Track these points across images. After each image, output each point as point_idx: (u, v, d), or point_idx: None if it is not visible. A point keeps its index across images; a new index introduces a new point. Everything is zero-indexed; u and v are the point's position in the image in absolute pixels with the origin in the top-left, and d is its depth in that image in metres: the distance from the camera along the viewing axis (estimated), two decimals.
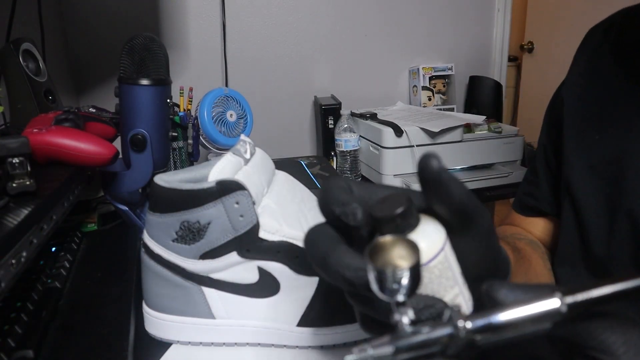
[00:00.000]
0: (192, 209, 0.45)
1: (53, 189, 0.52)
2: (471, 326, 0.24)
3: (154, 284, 0.50)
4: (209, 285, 0.49)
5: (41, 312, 0.48)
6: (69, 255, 0.63)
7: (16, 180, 0.48)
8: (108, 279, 0.59)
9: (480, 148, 1.34)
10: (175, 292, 0.49)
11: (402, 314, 0.25)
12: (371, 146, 1.36)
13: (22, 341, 0.43)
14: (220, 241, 0.46)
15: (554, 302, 0.24)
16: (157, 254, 0.48)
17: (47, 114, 0.77)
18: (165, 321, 0.51)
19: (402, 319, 0.24)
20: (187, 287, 0.49)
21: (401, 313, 0.25)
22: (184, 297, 0.49)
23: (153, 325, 0.52)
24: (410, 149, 1.29)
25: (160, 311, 0.51)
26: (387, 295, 0.24)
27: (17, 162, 0.48)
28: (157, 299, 0.50)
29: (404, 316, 0.25)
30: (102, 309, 0.52)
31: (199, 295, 0.49)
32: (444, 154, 1.32)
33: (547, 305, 0.24)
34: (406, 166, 1.30)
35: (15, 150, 0.48)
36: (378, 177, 1.33)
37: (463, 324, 0.24)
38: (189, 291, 0.49)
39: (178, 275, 0.48)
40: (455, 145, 1.33)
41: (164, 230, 0.47)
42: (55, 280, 0.55)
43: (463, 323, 0.24)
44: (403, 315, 0.25)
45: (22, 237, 0.43)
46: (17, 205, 0.46)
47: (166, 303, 0.50)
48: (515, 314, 0.24)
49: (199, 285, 0.49)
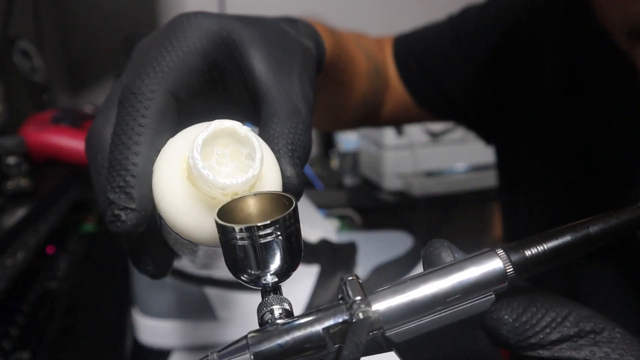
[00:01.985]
0: None
1: (50, 189, 0.51)
2: (379, 309, 0.17)
3: (150, 290, 0.49)
4: (210, 285, 0.48)
5: (38, 314, 0.48)
6: (66, 256, 0.62)
7: (12, 180, 0.47)
8: (106, 280, 0.58)
9: (481, 148, 1.33)
10: (174, 296, 0.48)
11: (273, 302, 0.19)
12: (371, 146, 1.35)
13: (19, 343, 0.43)
14: None
15: (494, 264, 0.17)
16: None
17: (44, 113, 0.76)
18: (163, 328, 0.49)
19: (273, 308, 0.18)
20: (187, 289, 0.48)
21: (271, 302, 0.19)
22: (183, 301, 0.48)
23: (150, 333, 0.50)
24: (410, 149, 1.28)
25: (157, 318, 0.49)
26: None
27: (13, 161, 0.47)
28: (154, 306, 0.49)
29: (276, 305, 0.19)
30: (99, 311, 0.51)
31: (200, 297, 0.48)
32: (445, 153, 1.31)
33: (483, 269, 0.17)
34: (407, 166, 1.30)
35: (11, 149, 0.47)
36: (378, 177, 1.33)
37: (364, 307, 0.16)
38: (189, 294, 0.48)
39: (177, 279, 0.48)
40: (456, 145, 1.32)
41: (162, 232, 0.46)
42: (52, 282, 0.54)
43: (364, 306, 0.17)
44: (274, 304, 0.19)
45: (18, 238, 0.42)
46: (13, 206, 0.45)
47: (164, 309, 0.49)
48: (440, 285, 0.17)
49: (200, 286, 0.48)
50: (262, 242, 0.18)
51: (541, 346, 0.18)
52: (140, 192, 0.20)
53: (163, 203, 0.20)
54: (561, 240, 0.18)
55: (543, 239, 0.18)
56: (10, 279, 0.40)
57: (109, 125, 0.23)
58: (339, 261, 0.50)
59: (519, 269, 0.18)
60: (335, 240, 0.53)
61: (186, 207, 0.20)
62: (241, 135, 0.20)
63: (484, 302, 0.18)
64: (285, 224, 0.18)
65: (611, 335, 0.18)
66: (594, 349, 0.18)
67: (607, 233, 0.18)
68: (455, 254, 0.19)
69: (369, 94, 0.51)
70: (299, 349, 0.17)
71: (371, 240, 0.56)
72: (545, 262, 0.18)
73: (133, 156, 0.21)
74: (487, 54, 0.51)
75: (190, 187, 0.20)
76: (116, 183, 0.21)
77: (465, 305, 0.17)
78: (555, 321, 0.18)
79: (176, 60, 0.23)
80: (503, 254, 0.18)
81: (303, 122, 0.24)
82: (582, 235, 0.18)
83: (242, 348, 0.17)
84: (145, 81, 0.22)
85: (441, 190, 1.28)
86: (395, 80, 0.56)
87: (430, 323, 0.17)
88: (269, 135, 0.23)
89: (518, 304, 0.19)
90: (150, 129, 0.21)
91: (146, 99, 0.22)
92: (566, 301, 0.19)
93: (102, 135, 0.24)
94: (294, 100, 0.24)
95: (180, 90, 0.23)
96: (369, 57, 0.50)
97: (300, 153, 0.23)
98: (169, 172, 0.20)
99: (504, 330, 0.18)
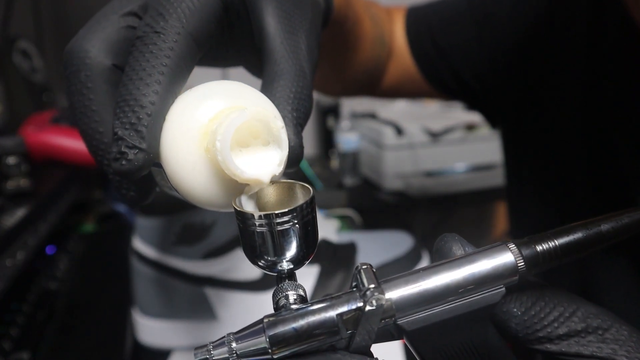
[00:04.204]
0: (195, 209, 0.44)
1: (50, 189, 0.51)
2: (392, 297, 0.17)
3: (149, 291, 0.49)
4: (211, 285, 0.48)
5: (38, 314, 0.47)
6: (66, 256, 0.62)
7: (12, 181, 0.47)
8: (106, 280, 0.58)
9: (482, 147, 1.33)
10: (174, 296, 0.48)
11: (289, 288, 0.19)
12: (371, 146, 1.35)
13: (19, 343, 0.42)
14: (225, 239, 0.45)
15: (505, 257, 0.18)
16: (152, 260, 0.47)
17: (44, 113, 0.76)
18: (163, 328, 0.49)
19: (288, 294, 0.18)
20: (187, 290, 0.48)
21: (286, 288, 0.19)
22: (183, 301, 0.48)
23: (150, 334, 0.50)
24: (410, 149, 1.28)
25: (157, 318, 0.49)
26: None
27: (13, 161, 0.47)
28: (154, 306, 0.49)
29: (291, 291, 0.19)
30: (99, 311, 0.51)
31: (200, 297, 0.48)
32: (445, 153, 1.31)
33: (495, 262, 0.18)
34: (407, 166, 1.30)
35: (11, 149, 0.47)
36: (378, 177, 1.33)
37: (378, 295, 0.17)
38: (189, 294, 0.48)
39: (178, 280, 0.47)
40: (456, 145, 1.32)
41: (162, 233, 0.46)
42: (51, 282, 0.54)
43: (378, 294, 0.17)
44: (289, 289, 0.19)
45: (18, 238, 0.42)
46: (13, 206, 0.45)
47: (164, 309, 0.49)
48: (452, 276, 0.18)
49: (201, 286, 0.48)
50: (280, 229, 0.18)
51: (549, 340, 0.19)
52: (151, 133, 0.19)
53: (173, 162, 0.19)
54: (572, 236, 0.18)
55: (554, 235, 0.18)
56: (10, 279, 0.40)
57: (99, 42, 0.22)
58: (339, 261, 0.50)
59: (530, 264, 0.18)
60: (335, 240, 0.53)
61: (197, 173, 0.19)
62: (273, 130, 0.19)
63: (494, 295, 0.18)
64: (302, 213, 0.18)
65: (618, 332, 0.18)
66: (601, 346, 0.18)
67: (618, 232, 0.18)
68: (465, 248, 0.19)
69: (371, 61, 0.50)
70: (313, 333, 0.17)
71: (371, 240, 0.56)
72: (556, 258, 0.18)
73: (152, 94, 0.19)
74: (505, 40, 0.50)
75: (205, 157, 0.19)
76: (128, 119, 0.19)
77: (476, 297, 0.18)
78: (563, 316, 0.19)
79: (197, 3, 0.22)
80: (515, 248, 0.18)
81: (307, 86, 0.23)
82: (594, 233, 0.18)
83: (259, 331, 0.17)
84: (169, 22, 0.21)
85: (441, 190, 1.28)
86: (403, 52, 0.55)
87: (441, 313, 0.18)
88: (273, 97, 0.22)
89: (527, 298, 0.19)
90: (171, 71, 0.20)
91: (171, 41, 0.20)
92: (574, 297, 0.19)
93: (89, 50, 0.22)
94: (300, 61, 0.23)
95: (200, 35, 0.22)
96: (376, 24, 0.50)
97: (303, 120, 0.23)
98: (184, 132, 0.19)
99: (513, 323, 0.19)
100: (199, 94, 0.20)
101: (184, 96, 0.21)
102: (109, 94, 0.22)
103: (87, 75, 0.22)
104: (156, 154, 0.20)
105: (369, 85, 0.54)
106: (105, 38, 0.22)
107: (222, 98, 0.20)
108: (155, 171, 0.22)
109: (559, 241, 0.18)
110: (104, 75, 0.22)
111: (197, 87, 0.21)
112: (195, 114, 0.20)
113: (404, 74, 0.55)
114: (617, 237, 0.18)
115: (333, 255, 0.50)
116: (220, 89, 0.21)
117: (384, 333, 0.18)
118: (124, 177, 0.20)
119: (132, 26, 0.23)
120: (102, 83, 0.22)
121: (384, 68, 0.53)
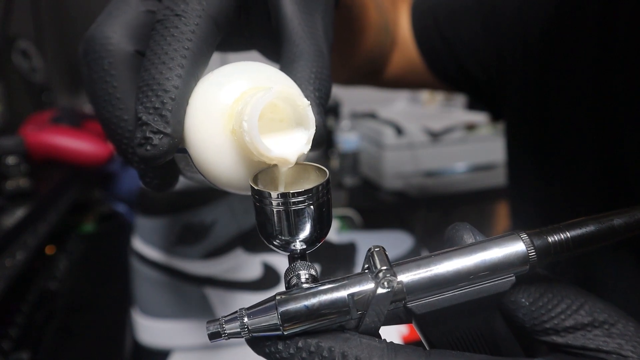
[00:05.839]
0: (196, 209, 0.44)
1: (49, 189, 0.51)
2: (404, 280, 0.17)
3: (149, 291, 0.49)
4: (211, 285, 0.48)
5: (38, 314, 0.47)
6: (65, 256, 0.62)
7: (11, 180, 0.47)
8: (106, 280, 0.58)
9: (482, 147, 1.33)
10: (174, 296, 0.48)
11: (301, 268, 0.19)
12: (371, 146, 1.35)
13: (19, 343, 0.42)
14: (225, 238, 0.45)
15: (517, 246, 0.18)
16: (152, 261, 0.47)
17: (44, 113, 0.76)
18: (163, 328, 0.49)
19: (300, 273, 0.19)
20: (187, 289, 0.48)
21: (299, 267, 0.19)
22: (183, 301, 0.48)
23: (150, 333, 0.50)
24: (410, 149, 1.28)
25: (157, 318, 0.49)
26: None
27: (13, 161, 0.47)
28: (154, 306, 0.49)
29: (303, 271, 0.19)
30: (99, 311, 0.51)
31: (200, 297, 0.48)
32: (445, 153, 1.31)
33: (506, 251, 0.18)
34: (407, 166, 1.30)
35: (11, 149, 0.47)
36: (378, 177, 1.33)
37: (390, 277, 0.17)
38: (189, 294, 0.48)
39: (177, 279, 0.47)
40: (456, 145, 1.32)
41: (161, 233, 0.46)
42: (51, 282, 0.54)
43: (390, 276, 0.17)
44: (301, 269, 0.19)
45: (17, 238, 0.42)
46: (13, 206, 0.45)
47: (164, 309, 0.49)
48: (463, 263, 0.18)
49: (201, 286, 0.48)
50: (295, 209, 0.18)
51: (555, 332, 0.19)
52: (176, 117, 0.19)
53: (198, 145, 0.19)
54: (585, 229, 0.18)
55: (566, 227, 0.18)
56: (10, 279, 0.40)
57: (121, 28, 0.21)
58: (339, 261, 0.50)
59: (541, 254, 0.18)
60: (335, 240, 0.53)
61: (223, 156, 0.19)
62: (299, 108, 0.19)
63: (504, 283, 0.18)
64: (317, 194, 0.19)
65: (625, 328, 0.18)
66: (607, 340, 0.18)
67: (631, 227, 0.18)
68: (477, 237, 0.19)
69: (376, 49, 0.50)
70: (323, 312, 0.17)
71: (371, 240, 0.56)
72: (567, 250, 0.18)
73: (175, 78, 0.19)
74: (512, 33, 0.49)
75: (230, 138, 0.19)
76: (151, 104, 0.19)
77: (486, 284, 0.18)
78: (570, 308, 0.19)
79: None
80: (527, 238, 0.18)
81: (326, 66, 0.23)
82: (606, 227, 0.18)
83: (271, 307, 0.17)
84: (190, 4, 0.20)
85: (441, 190, 1.28)
86: (407, 42, 0.54)
87: (450, 298, 0.18)
88: (295, 78, 0.22)
89: (535, 289, 0.19)
90: (194, 55, 0.20)
91: (193, 24, 0.20)
92: (582, 291, 0.19)
93: (110, 36, 0.21)
94: (318, 41, 0.23)
95: (220, 17, 0.21)
96: (381, 12, 0.49)
97: (325, 100, 0.23)
98: (209, 115, 0.19)
99: (520, 313, 0.19)
100: (221, 76, 0.20)
101: (206, 79, 0.20)
102: (133, 81, 0.22)
103: (110, 62, 0.21)
104: (180, 138, 0.20)
105: (372, 74, 0.54)
106: (126, 23, 0.22)
107: (245, 79, 0.20)
108: (178, 157, 0.22)
109: (571, 233, 0.18)
110: (127, 61, 0.22)
111: (219, 69, 0.21)
112: (219, 96, 0.19)
113: (407, 64, 0.55)
114: (629, 232, 0.18)
115: (333, 255, 0.50)
116: (242, 69, 0.20)
117: (393, 316, 0.18)
118: (149, 163, 0.20)
119: (151, 10, 0.22)
120: (125, 70, 0.21)
121: (387, 57, 0.53)
